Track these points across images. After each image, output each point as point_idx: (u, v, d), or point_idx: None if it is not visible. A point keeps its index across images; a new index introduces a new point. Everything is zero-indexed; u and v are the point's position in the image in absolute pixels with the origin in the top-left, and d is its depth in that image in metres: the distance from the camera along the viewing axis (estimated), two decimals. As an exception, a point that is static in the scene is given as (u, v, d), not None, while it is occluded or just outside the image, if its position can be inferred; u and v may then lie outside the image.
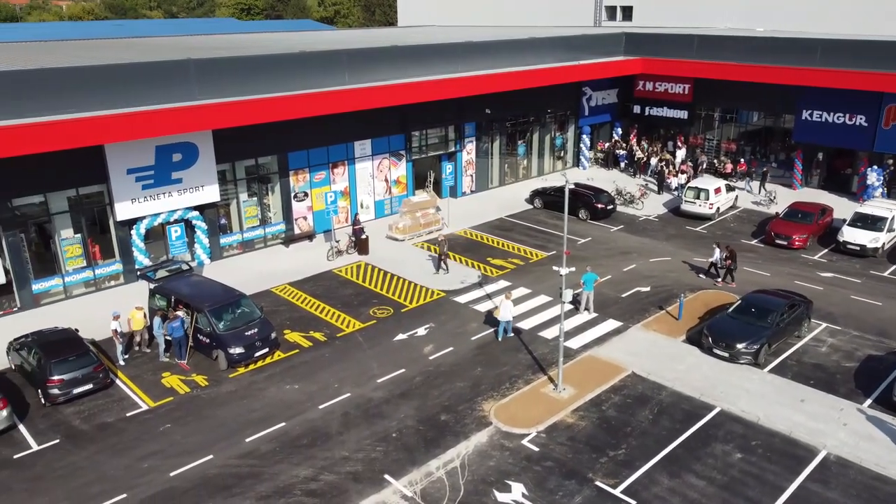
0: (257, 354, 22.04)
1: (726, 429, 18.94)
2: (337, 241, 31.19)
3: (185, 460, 17.62)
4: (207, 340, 22.00)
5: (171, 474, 17.12)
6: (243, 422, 19.21)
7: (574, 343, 23.30)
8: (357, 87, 30.75)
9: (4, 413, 18.37)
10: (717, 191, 35.69)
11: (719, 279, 27.98)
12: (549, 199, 37.18)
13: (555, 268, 20.51)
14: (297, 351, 23.04)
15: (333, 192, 30.87)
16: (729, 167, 41.27)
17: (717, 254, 27.80)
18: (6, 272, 24.86)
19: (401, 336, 23.98)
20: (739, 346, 21.76)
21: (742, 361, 21.78)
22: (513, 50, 38.35)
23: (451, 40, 37.98)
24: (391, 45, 33.69)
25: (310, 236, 32.81)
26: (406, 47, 34.12)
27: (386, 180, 35.83)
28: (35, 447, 18.15)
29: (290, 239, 32.24)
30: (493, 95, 36.36)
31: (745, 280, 27.55)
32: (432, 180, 38.69)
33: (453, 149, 38.14)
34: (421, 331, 24.35)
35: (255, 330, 22.20)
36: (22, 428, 18.89)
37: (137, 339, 22.70)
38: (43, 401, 19.80)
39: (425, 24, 66.79)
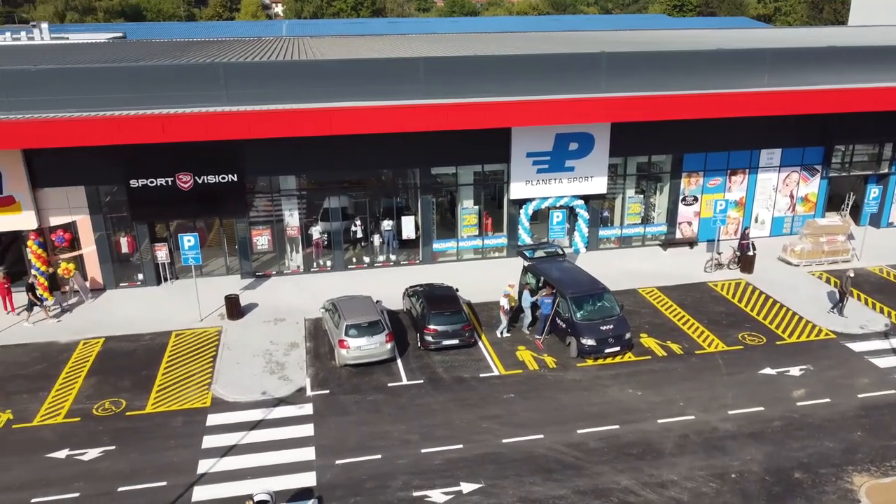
0: (608, 350, 21.89)
1: None
2: (719, 254, 29.04)
3: (518, 431, 18.49)
4: (564, 326, 22.59)
5: (503, 441, 18.14)
6: (579, 412, 19.33)
7: None
8: (777, 90, 27.86)
9: (388, 346, 21.57)
10: None
11: None
12: None
13: None
14: (648, 357, 22.23)
15: (725, 201, 28.68)
16: None
17: None
18: (416, 228, 29.08)
19: (768, 370, 21.35)
20: None
21: None
22: None
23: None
24: (826, 46, 29.67)
25: (691, 243, 31.16)
26: (845, 48, 29.73)
27: (791, 196, 31.99)
28: (404, 381, 20.97)
29: (669, 242, 31.10)
30: (955, 111, 29.48)
31: None
32: (850, 203, 33.26)
33: (887, 170, 32.18)
34: (794, 370, 21.33)
35: (611, 326, 22.04)
36: (399, 362, 21.97)
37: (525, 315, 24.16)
38: (419, 344, 22.72)
39: (882, 24, 57.25)
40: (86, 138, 22.83)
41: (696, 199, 31.03)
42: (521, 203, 29.21)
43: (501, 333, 23.46)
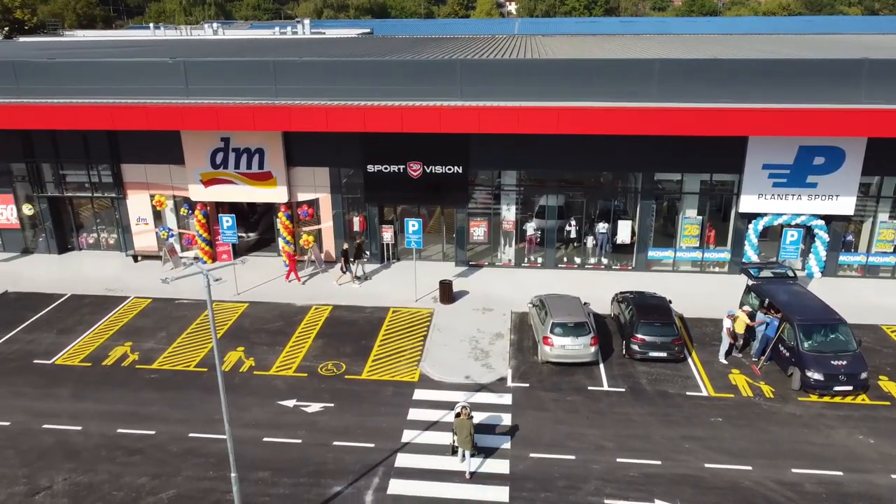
0: (837, 388, 19.79)
1: None
2: None
3: (722, 458, 17.42)
4: (787, 354, 20.79)
5: (706, 465, 17.20)
6: (795, 450, 17.73)
7: None
8: None
9: (593, 349, 21.37)
10: None
11: None
12: None
13: None
14: (887, 403, 19.74)
15: None
16: None
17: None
18: (633, 234, 28.37)
19: None
20: None
21: None
22: None
23: None
24: None
25: (955, 281, 27.05)
26: None
27: None
28: (605, 387, 20.65)
29: (926, 277, 27.27)
30: None
31: None
32: None
33: None
34: None
35: (844, 362, 19.88)
36: (601, 367, 21.68)
37: (739, 342, 22.50)
38: (624, 352, 22.22)
39: None
40: (337, 124, 25.23)
41: (967, 230, 26.85)
42: (750, 217, 27.26)
43: (722, 357, 22.13)
